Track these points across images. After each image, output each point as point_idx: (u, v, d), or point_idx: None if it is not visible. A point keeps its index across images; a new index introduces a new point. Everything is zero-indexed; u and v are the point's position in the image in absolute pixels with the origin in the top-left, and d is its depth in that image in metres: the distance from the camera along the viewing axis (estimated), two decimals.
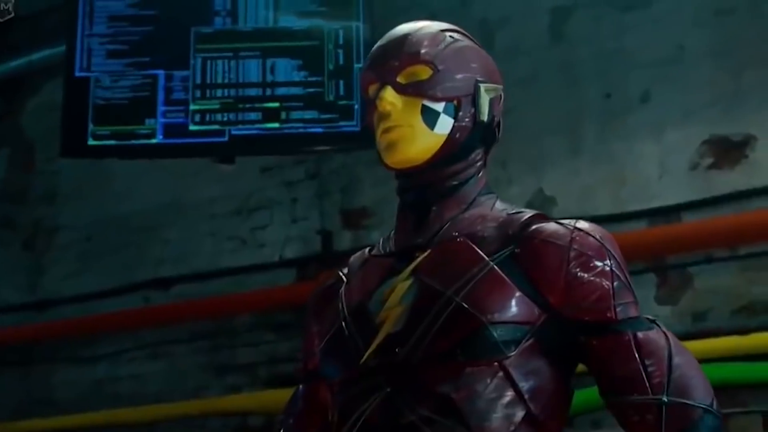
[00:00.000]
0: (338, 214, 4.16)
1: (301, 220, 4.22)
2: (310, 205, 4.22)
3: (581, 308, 1.29)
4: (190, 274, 4.38)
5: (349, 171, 4.16)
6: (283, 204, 4.28)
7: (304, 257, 4.18)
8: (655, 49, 3.63)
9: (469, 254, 1.33)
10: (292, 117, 3.10)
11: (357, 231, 4.07)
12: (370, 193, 4.07)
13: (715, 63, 3.50)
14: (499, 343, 1.26)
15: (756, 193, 3.33)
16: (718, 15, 3.54)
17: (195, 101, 3.11)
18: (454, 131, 1.42)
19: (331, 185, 4.20)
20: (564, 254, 1.31)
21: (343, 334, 1.38)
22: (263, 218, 4.31)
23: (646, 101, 3.62)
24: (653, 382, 1.25)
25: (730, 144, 3.43)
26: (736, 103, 3.45)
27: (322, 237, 4.16)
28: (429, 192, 1.43)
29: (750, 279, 3.29)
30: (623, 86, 3.68)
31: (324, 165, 4.22)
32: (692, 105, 3.51)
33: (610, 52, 3.72)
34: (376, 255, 1.47)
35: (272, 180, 4.31)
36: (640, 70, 3.64)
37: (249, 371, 4.18)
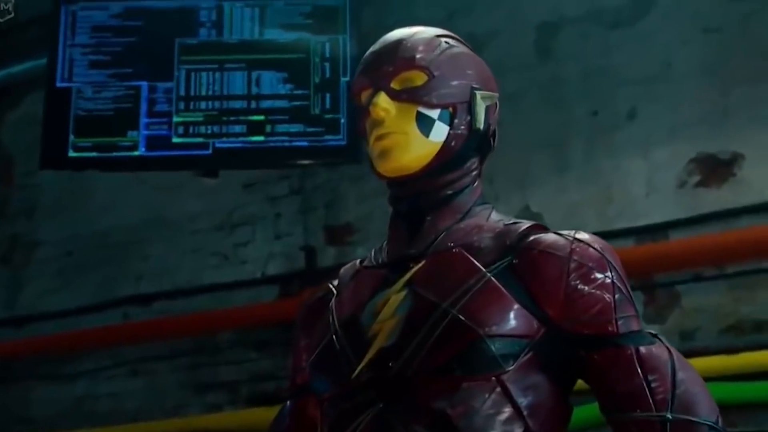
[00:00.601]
0: (322, 230, 4.11)
1: (284, 236, 4.17)
2: (293, 220, 4.17)
3: (581, 321, 1.25)
4: (172, 291, 4.32)
5: (333, 186, 4.11)
6: (267, 220, 4.22)
7: (288, 274, 4.12)
8: (642, 66, 3.61)
9: (465, 265, 1.29)
10: (277, 130, 3.06)
11: (341, 247, 4.02)
12: (354, 209, 4.03)
13: (703, 81, 3.49)
14: (497, 357, 1.22)
15: (744, 211, 3.31)
16: (706, 33, 3.53)
17: (178, 113, 3.06)
18: (449, 139, 1.38)
19: (315, 201, 4.15)
20: (564, 266, 1.27)
21: (333, 347, 1.34)
22: (246, 234, 4.25)
23: (633, 118, 3.60)
24: (657, 399, 1.21)
25: (718, 162, 3.41)
26: (723, 120, 3.43)
27: (305, 253, 4.11)
28: (423, 201, 1.39)
29: (738, 298, 3.26)
30: (610, 103, 3.66)
31: (308, 180, 4.17)
32: (679, 122, 3.50)
33: (597, 69, 3.70)
34: (368, 266, 1.43)
35: (255, 195, 4.25)
36: (628, 87, 3.62)
37: (230, 389, 4.11)
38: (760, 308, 3.22)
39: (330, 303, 1.44)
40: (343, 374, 1.30)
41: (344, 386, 1.29)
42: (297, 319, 1.53)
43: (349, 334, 1.33)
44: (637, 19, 3.67)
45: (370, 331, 1.30)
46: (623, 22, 3.69)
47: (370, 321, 1.31)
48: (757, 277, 3.25)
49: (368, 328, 1.31)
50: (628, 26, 3.68)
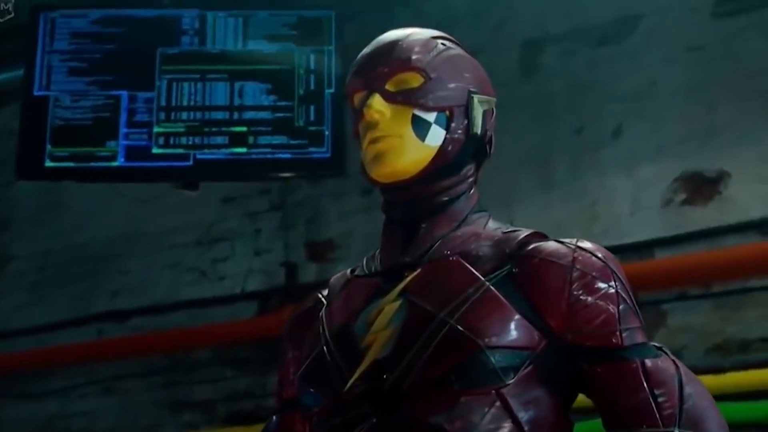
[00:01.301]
0: (303, 247, 4.05)
1: (264, 252, 4.10)
2: (273, 236, 4.11)
3: (584, 333, 1.20)
4: (148, 307, 4.23)
5: (314, 202, 4.06)
6: (246, 235, 4.16)
7: (267, 290, 4.05)
8: (627, 84, 3.60)
9: (463, 274, 1.24)
10: (260, 142, 3.00)
11: (322, 264, 3.96)
12: (336, 225, 3.97)
13: (688, 99, 3.48)
14: (497, 369, 1.16)
15: (730, 230, 3.29)
16: (691, 51, 3.52)
17: (159, 124, 3.00)
18: (446, 143, 1.33)
19: (296, 216, 4.09)
20: (566, 275, 1.22)
21: (324, 359, 1.28)
22: (225, 249, 4.18)
23: (619, 136, 3.58)
24: (664, 414, 1.16)
25: (704, 180, 3.39)
26: (709, 139, 3.42)
27: (285, 269, 4.05)
28: (418, 208, 1.34)
29: (724, 317, 3.23)
30: (596, 121, 3.63)
31: (289, 196, 4.11)
32: (665, 140, 3.48)
33: (582, 87, 3.68)
34: (361, 275, 1.37)
35: (235, 210, 4.19)
36: (613, 104, 3.60)
37: (207, 408, 4.03)
38: (747, 328, 3.19)
39: (320, 313, 1.38)
40: (335, 387, 1.24)
41: (336, 399, 1.23)
42: (284, 330, 1.47)
43: (341, 344, 1.27)
44: (623, 37, 3.66)
45: (364, 341, 1.25)
46: (608, 39, 3.68)
47: (364, 331, 1.26)
48: (744, 297, 3.22)
49: (361, 338, 1.25)
50: (613, 44, 3.67)
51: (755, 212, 3.28)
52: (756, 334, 3.17)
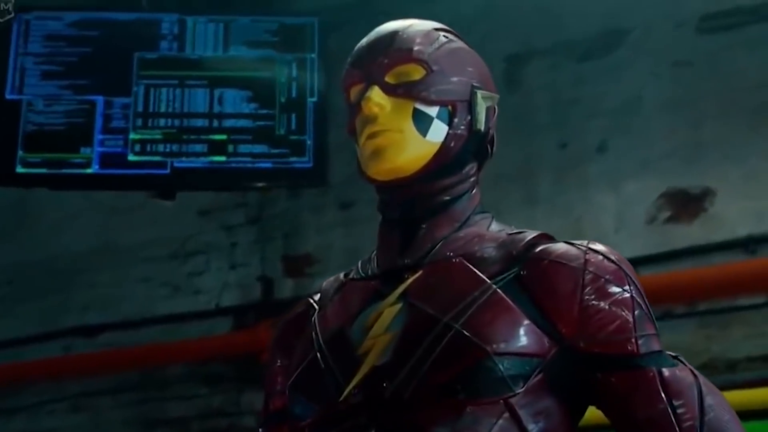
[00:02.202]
0: (280, 261, 3.96)
1: (240, 266, 4.01)
2: (250, 250, 4.02)
3: (597, 340, 1.13)
4: (119, 322, 4.11)
5: (292, 216, 3.98)
6: (222, 249, 4.06)
7: (243, 305, 3.96)
8: (612, 99, 3.57)
9: (467, 276, 1.16)
10: (240, 150, 2.92)
11: (300, 279, 3.88)
12: (314, 239, 3.89)
13: (673, 114, 3.45)
14: (506, 377, 1.08)
15: (716, 248, 3.25)
16: (676, 66, 3.50)
17: (136, 130, 2.90)
18: (448, 139, 1.26)
19: (273, 230, 4.01)
20: (578, 278, 1.14)
21: (318, 366, 1.19)
22: (200, 263, 4.08)
23: (603, 152, 3.54)
24: (683, 426, 1.08)
25: (689, 197, 3.35)
26: (694, 155, 3.39)
27: (262, 284, 3.95)
28: (418, 207, 1.26)
29: (709, 336, 3.18)
30: (580, 136, 3.59)
31: (266, 209, 4.03)
32: (650, 156, 3.44)
33: (566, 101, 3.64)
34: (356, 278, 1.29)
35: (211, 223, 4.09)
36: (597, 119, 3.57)
37: (180, 426, 3.91)
38: (733, 347, 3.14)
39: (312, 318, 1.29)
40: (329, 396, 1.15)
41: (330, 410, 1.15)
42: (273, 337, 1.38)
43: (336, 351, 1.19)
44: (608, 51, 3.63)
45: (361, 347, 1.16)
46: (593, 54, 3.65)
47: (361, 337, 1.17)
48: (729, 316, 3.17)
49: (358, 344, 1.17)
50: (598, 59, 3.64)
51: (741, 230, 3.25)
52: (743, 354, 3.12)
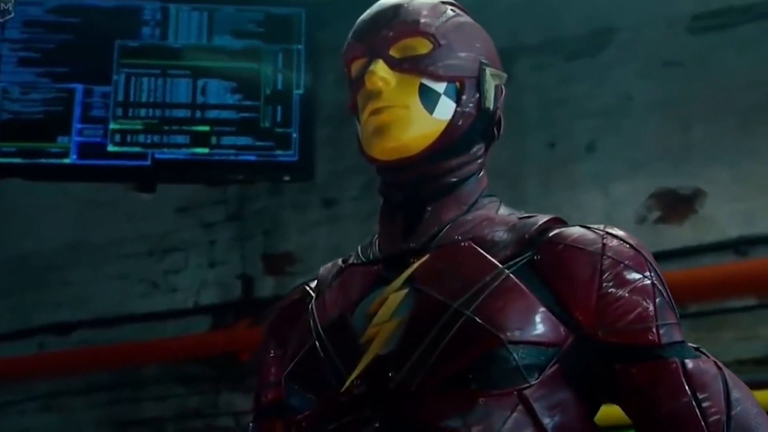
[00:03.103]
0: (260, 259, 3.87)
1: (219, 264, 3.92)
2: (229, 248, 3.93)
3: (617, 329, 1.06)
4: (93, 320, 4.01)
5: (273, 213, 3.89)
6: (200, 246, 3.97)
7: (221, 304, 3.86)
8: (601, 98, 3.52)
9: (477, 260, 1.09)
10: (223, 143, 2.84)
11: (280, 277, 3.79)
12: (296, 237, 3.81)
13: (663, 115, 3.41)
14: (521, 367, 1.01)
15: (706, 249, 3.20)
16: (666, 66, 3.46)
17: (116, 120, 2.81)
18: (456, 117, 1.19)
19: (253, 228, 3.92)
20: (595, 263, 1.08)
21: (317, 355, 1.11)
22: (178, 261, 3.99)
23: (592, 152, 3.49)
24: (709, 421, 1.01)
25: (679, 198, 3.31)
26: (684, 156, 3.35)
27: (241, 283, 3.87)
28: (423, 189, 1.19)
29: (699, 338, 3.08)
30: (568, 136, 3.54)
31: (246, 206, 3.94)
32: (639, 157, 3.40)
33: (554, 101, 3.59)
34: (357, 264, 1.22)
35: (189, 220, 4.00)
36: (586, 119, 3.51)
37: (154, 427, 3.81)
38: (723, 349, 3.08)
39: (309, 306, 1.21)
40: (329, 387, 1.08)
41: (330, 402, 1.07)
42: (266, 326, 1.30)
43: (336, 339, 1.11)
44: (597, 50, 3.58)
45: (364, 335, 1.09)
46: (582, 53, 3.60)
47: (363, 324, 1.10)
48: (720, 318, 3.13)
49: (361, 332, 1.09)
50: (587, 57, 3.59)
51: (732, 232, 3.21)
52: (733, 356, 3.06)
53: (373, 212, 4.08)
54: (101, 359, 3.89)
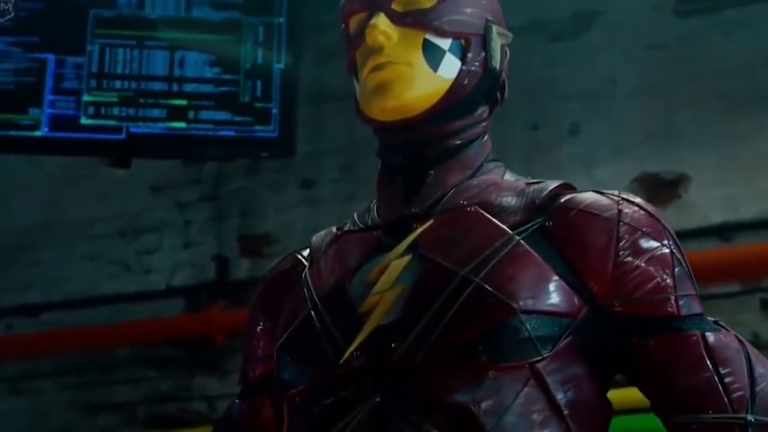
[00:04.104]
0: (236, 240, 3.79)
1: (194, 245, 3.83)
2: (204, 229, 3.84)
3: (634, 300, 1.00)
4: (63, 301, 3.91)
5: (250, 194, 3.81)
6: (175, 227, 3.88)
7: (195, 286, 3.78)
8: (585, 81, 3.47)
9: (486, 226, 1.03)
10: (201, 117, 2.74)
11: (257, 259, 3.71)
12: (273, 218, 3.73)
13: (648, 99, 3.38)
14: (534, 339, 0.95)
15: (689, 235, 3.15)
16: (651, 50, 3.42)
17: (89, 92, 2.71)
18: (461, 76, 1.13)
19: (229, 208, 3.83)
20: (611, 230, 1.02)
21: (312, 326, 1.05)
22: (151, 241, 3.89)
23: (575, 135, 3.45)
24: (732, 397, 0.96)
25: (662, 182, 3.28)
26: (668, 141, 3.32)
27: (216, 264, 3.78)
28: (426, 152, 1.12)
29: None
30: (551, 118, 3.49)
31: (222, 186, 3.86)
32: (623, 141, 3.36)
33: (537, 83, 3.53)
34: (354, 230, 1.15)
35: (163, 200, 3.91)
36: (570, 102, 3.47)
37: (125, 411, 3.72)
38: None
39: (302, 275, 1.14)
40: (326, 359, 1.01)
41: (327, 375, 1.01)
42: (254, 297, 1.23)
43: (333, 309, 1.04)
44: (581, 32, 3.54)
45: (364, 304, 1.02)
46: (566, 35, 3.56)
47: (363, 292, 1.03)
48: (703, 304, 3.08)
49: (360, 301, 1.03)
50: (571, 40, 3.54)
51: (715, 217, 3.18)
52: None
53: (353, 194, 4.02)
54: (71, 341, 3.79)
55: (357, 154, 3.63)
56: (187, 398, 3.62)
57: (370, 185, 1.33)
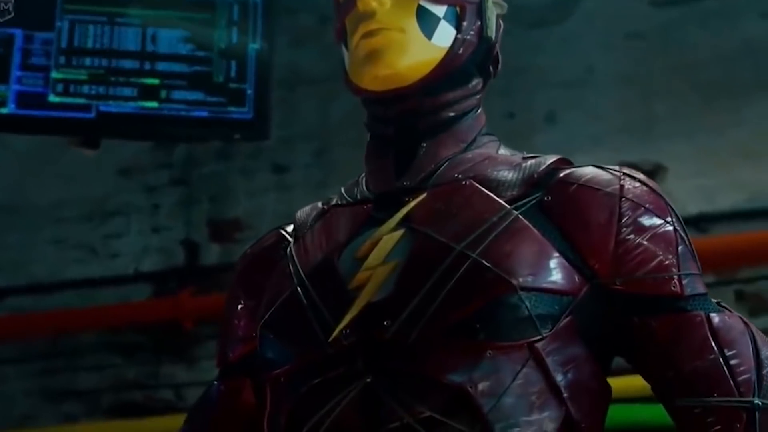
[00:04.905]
0: (206, 225, 3.73)
1: (163, 229, 3.76)
2: (174, 213, 3.77)
3: (636, 279, 0.96)
4: (28, 285, 3.82)
5: (221, 178, 3.74)
6: (143, 211, 3.80)
7: (164, 271, 3.71)
8: (563, 69, 3.45)
9: (482, 200, 0.99)
10: (173, 97, 2.66)
11: (227, 245, 3.65)
12: (245, 203, 3.67)
13: (625, 88, 3.37)
14: (534, 317, 0.91)
15: None
16: (629, 38, 3.40)
17: (58, 68, 2.62)
18: (456, 45, 1.08)
19: (199, 193, 3.77)
20: (613, 206, 0.98)
21: (299, 303, 1.00)
22: (118, 225, 3.81)
23: (552, 123, 3.43)
24: (739, 380, 0.92)
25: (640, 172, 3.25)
26: (645, 131, 3.31)
27: (186, 249, 3.71)
28: (419, 124, 1.08)
29: None
30: (528, 106, 3.47)
31: (192, 170, 3.78)
32: (600, 130, 3.35)
33: (514, 70, 3.46)
34: (342, 204, 1.10)
35: (132, 183, 3.83)
36: (547, 90, 3.45)
37: (89, 398, 3.65)
38: None
39: (287, 250, 1.09)
40: (314, 338, 0.96)
41: (315, 354, 0.96)
42: (235, 274, 1.18)
43: (321, 285, 0.99)
44: (560, 20, 3.52)
45: (353, 280, 0.97)
46: (545, 22, 3.53)
47: (353, 268, 0.99)
48: None
49: (350, 276, 0.98)
50: (549, 27, 3.52)
51: (692, 208, 3.16)
52: None
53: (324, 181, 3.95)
54: (35, 327, 3.71)
55: (330, 140, 3.58)
56: (153, 386, 3.55)
57: (343, 171, 1.28)
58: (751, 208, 3.08)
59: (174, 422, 3.28)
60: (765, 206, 3.11)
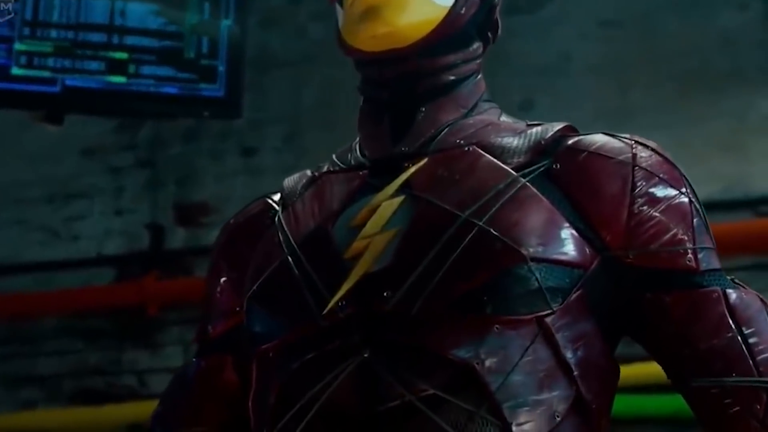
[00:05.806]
0: (172, 209, 3.64)
1: (127, 212, 3.67)
2: (138, 196, 3.67)
3: (650, 252, 0.91)
4: None
5: (188, 160, 3.66)
6: (107, 193, 3.70)
7: (127, 254, 3.62)
8: (538, 56, 3.41)
9: (487, 166, 0.93)
10: (142, 72, 2.58)
11: (194, 229, 3.57)
12: (212, 187, 3.59)
13: (601, 77, 3.34)
14: (544, 290, 0.85)
15: None
16: (605, 27, 3.38)
17: (22, 40, 2.53)
18: (458, 5, 1.02)
19: (165, 175, 3.68)
20: (626, 175, 0.93)
21: (289, 273, 0.93)
22: (81, 207, 3.71)
23: (528, 110, 3.37)
24: (758, 359, 0.87)
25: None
26: (621, 120, 3.26)
27: (150, 233, 3.62)
28: (417, 87, 1.01)
29: None
30: (504, 93, 3.38)
31: (158, 151, 3.69)
32: (576, 118, 3.23)
33: (490, 56, 3.42)
34: (334, 171, 1.03)
35: (95, 164, 3.73)
36: (523, 77, 3.40)
37: (49, 384, 3.55)
38: None
39: (275, 219, 1.03)
40: (307, 310, 0.89)
41: (308, 327, 0.89)
42: (217, 244, 1.11)
43: (315, 254, 0.93)
44: (537, 7, 3.47)
45: (349, 250, 0.91)
46: (522, 8, 3.48)
47: (348, 237, 0.92)
48: None
49: (345, 246, 0.92)
50: (526, 14, 3.47)
51: None
52: None
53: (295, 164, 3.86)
54: None
55: (301, 123, 3.51)
56: (115, 372, 3.46)
57: (315, 155, 1.21)
58: (726, 199, 3.06)
59: (137, 409, 3.21)
60: (740, 197, 3.10)
